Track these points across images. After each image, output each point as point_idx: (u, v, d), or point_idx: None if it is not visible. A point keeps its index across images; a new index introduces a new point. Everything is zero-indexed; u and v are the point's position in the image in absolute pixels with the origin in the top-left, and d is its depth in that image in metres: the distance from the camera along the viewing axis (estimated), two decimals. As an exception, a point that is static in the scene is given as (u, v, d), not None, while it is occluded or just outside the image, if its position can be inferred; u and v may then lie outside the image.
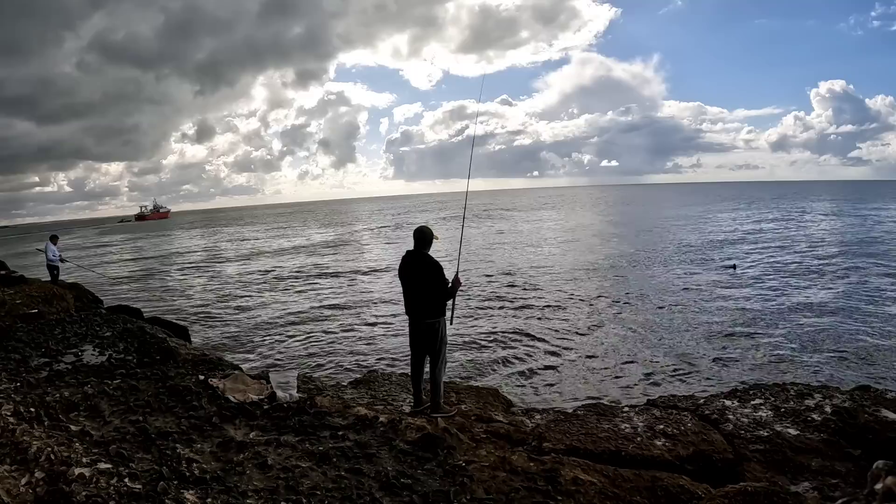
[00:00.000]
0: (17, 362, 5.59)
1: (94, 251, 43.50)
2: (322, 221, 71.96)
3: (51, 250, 12.80)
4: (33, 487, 2.65)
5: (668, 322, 11.70)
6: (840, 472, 3.64)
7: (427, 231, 4.57)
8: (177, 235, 60.58)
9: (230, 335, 12.12)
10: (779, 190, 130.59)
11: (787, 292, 14.28)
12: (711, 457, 3.80)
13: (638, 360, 9.23)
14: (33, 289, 10.41)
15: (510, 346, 10.37)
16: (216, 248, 38.77)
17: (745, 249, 23.31)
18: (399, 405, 5.13)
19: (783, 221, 38.07)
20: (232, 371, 5.35)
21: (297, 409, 4.13)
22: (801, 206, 57.38)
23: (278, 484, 3.01)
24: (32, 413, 3.83)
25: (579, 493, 3.00)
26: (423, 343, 4.62)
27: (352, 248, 33.45)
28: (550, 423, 4.35)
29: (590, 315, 12.69)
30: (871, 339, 9.93)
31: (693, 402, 4.85)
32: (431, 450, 3.50)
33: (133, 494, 2.68)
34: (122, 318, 8.38)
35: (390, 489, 3.01)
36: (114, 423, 3.83)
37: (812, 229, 31.82)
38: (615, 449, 3.82)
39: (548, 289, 16.05)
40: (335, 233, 48.46)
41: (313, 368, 9.20)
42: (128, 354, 6.05)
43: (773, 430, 4.14)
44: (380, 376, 6.25)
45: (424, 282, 4.46)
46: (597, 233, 35.16)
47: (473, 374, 8.67)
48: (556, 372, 8.79)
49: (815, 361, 8.88)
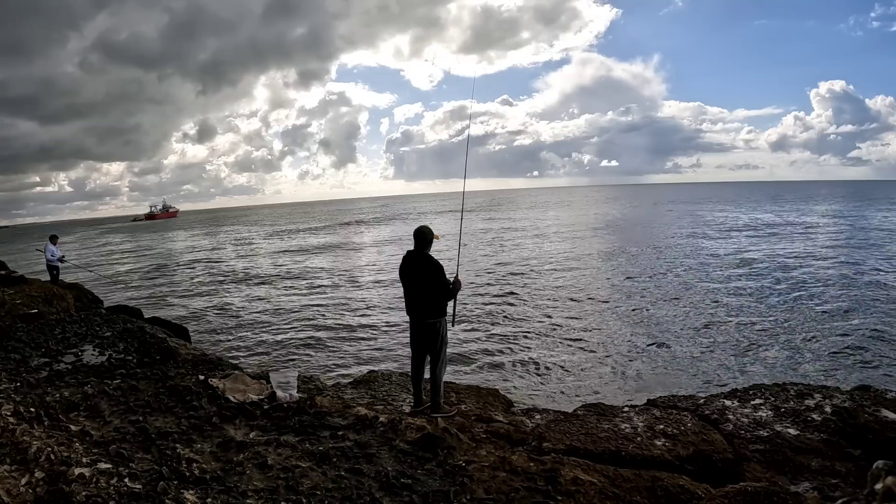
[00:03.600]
0: (17, 362, 5.59)
1: (95, 250, 43.51)
2: (322, 221, 71.95)
3: (50, 250, 12.80)
4: (33, 487, 2.65)
5: (668, 322, 11.70)
6: (840, 472, 3.64)
7: (427, 231, 4.56)
8: (179, 235, 60.57)
9: (230, 335, 12.12)
10: (779, 190, 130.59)
11: (787, 292, 14.28)
12: (711, 457, 3.79)
13: (638, 360, 9.23)
14: (33, 289, 10.40)
15: (510, 346, 10.37)
16: (217, 248, 38.76)
17: (746, 249, 23.30)
18: (399, 405, 5.13)
19: (782, 221, 38.06)
20: (232, 371, 5.35)
21: (297, 409, 4.13)
22: (801, 206, 57.36)
23: (278, 484, 3.01)
24: (32, 413, 3.83)
25: (579, 493, 3.00)
26: (423, 343, 4.61)
27: (352, 247, 33.45)
28: (550, 423, 4.35)
29: (589, 315, 12.69)
30: (871, 340, 9.93)
31: (693, 402, 4.84)
32: (431, 450, 3.50)
33: (133, 494, 2.68)
34: (122, 318, 8.39)
35: (390, 489, 3.01)
36: (114, 423, 3.83)
37: (811, 230, 31.81)
38: (615, 449, 3.82)
39: (547, 288, 16.05)
40: (335, 232, 48.46)
41: (313, 368, 9.20)
42: (128, 354, 6.05)
43: (773, 430, 4.14)
44: (380, 376, 6.24)
45: (425, 282, 4.46)
46: (597, 233, 35.15)
47: (473, 374, 8.67)
48: (555, 372, 8.79)
49: (815, 361, 8.88)
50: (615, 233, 34.37)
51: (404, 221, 59.77)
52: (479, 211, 71.16)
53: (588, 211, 65.61)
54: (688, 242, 26.75)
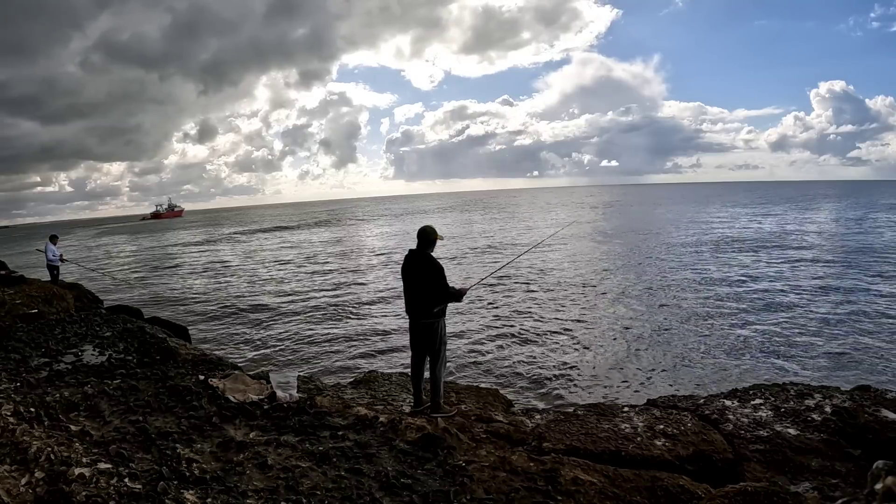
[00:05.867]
0: (17, 362, 5.59)
1: (96, 250, 43.52)
2: (323, 221, 71.98)
3: (50, 250, 12.80)
4: (33, 487, 2.65)
5: (668, 322, 11.69)
6: (840, 472, 3.64)
7: (431, 231, 4.54)
8: (180, 235, 60.58)
9: (230, 335, 12.12)
10: (779, 190, 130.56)
11: (787, 293, 14.28)
12: (711, 457, 3.79)
13: (638, 360, 9.23)
14: (33, 289, 10.40)
15: (510, 346, 10.37)
16: (217, 248, 38.77)
17: (746, 250, 23.30)
18: (399, 405, 5.13)
19: (783, 223, 38.06)
20: (232, 371, 5.35)
21: (297, 409, 4.13)
22: (801, 207, 57.37)
23: (278, 484, 3.01)
24: (32, 413, 3.83)
25: (579, 493, 3.00)
26: (422, 343, 4.61)
27: (352, 247, 33.45)
28: (550, 423, 4.35)
29: (589, 315, 12.69)
30: (871, 340, 9.92)
31: (693, 402, 4.84)
32: (431, 450, 3.50)
33: (133, 494, 2.68)
34: (122, 318, 8.39)
35: (390, 489, 3.01)
36: (114, 423, 3.83)
37: (812, 231, 31.81)
38: (615, 449, 3.82)
39: (547, 288, 16.05)
40: (336, 232, 48.46)
41: (313, 368, 9.20)
42: (128, 354, 6.05)
43: (773, 430, 4.14)
44: (380, 376, 6.24)
45: (423, 282, 4.45)
46: (596, 232, 35.15)
47: (473, 374, 8.67)
48: (556, 372, 8.78)
49: (815, 361, 8.88)
50: (615, 233, 34.36)
51: (405, 221, 59.81)
52: (479, 211, 71.16)
53: (589, 211, 65.63)
54: (688, 244, 26.74)
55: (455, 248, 26.63)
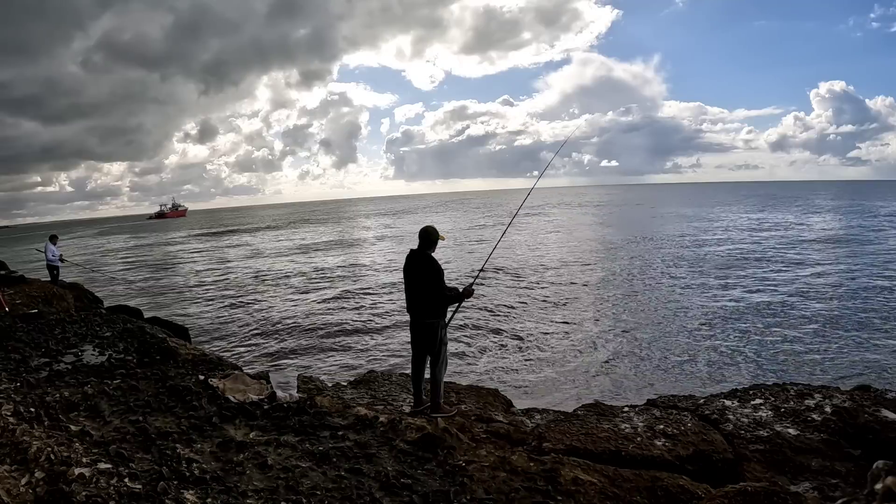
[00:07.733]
0: (17, 362, 5.58)
1: (97, 249, 43.51)
2: (322, 221, 71.96)
3: (50, 250, 12.80)
4: (33, 487, 2.64)
5: (668, 322, 11.70)
6: (840, 472, 3.64)
7: (432, 231, 4.53)
8: (181, 235, 60.57)
9: (230, 335, 12.12)
10: (779, 190, 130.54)
11: (786, 293, 14.28)
12: (711, 457, 3.79)
13: (638, 360, 9.23)
14: (33, 289, 10.41)
15: (511, 346, 10.37)
16: (217, 248, 38.77)
17: (746, 251, 23.30)
18: (399, 405, 5.12)
19: (782, 223, 38.04)
20: (232, 371, 5.35)
21: (297, 409, 4.12)
22: (801, 207, 57.34)
23: (278, 484, 3.00)
24: (32, 413, 3.83)
25: (579, 493, 3.00)
26: (422, 343, 4.60)
27: (351, 247, 33.44)
28: (550, 423, 4.35)
29: (590, 315, 12.69)
30: (872, 340, 9.92)
31: (693, 402, 4.84)
32: (431, 450, 3.49)
33: (133, 494, 2.68)
34: (122, 318, 8.38)
35: (390, 489, 3.00)
36: (114, 423, 3.83)
37: (811, 231, 31.81)
38: (615, 449, 3.82)
39: (548, 289, 16.05)
40: (335, 232, 48.45)
41: (313, 368, 9.20)
42: (128, 354, 6.05)
43: (773, 430, 4.14)
44: (380, 376, 6.24)
45: (423, 283, 4.45)
46: (597, 232, 35.16)
47: (473, 374, 8.67)
48: (556, 372, 8.79)
49: (815, 361, 8.88)
50: (616, 235, 34.35)
51: (404, 221, 59.79)
52: (480, 210, 71.16)
53: (589, 211, 65.59)
54: (687, 245, 26.74)
55: (451, 243, 26.63)
